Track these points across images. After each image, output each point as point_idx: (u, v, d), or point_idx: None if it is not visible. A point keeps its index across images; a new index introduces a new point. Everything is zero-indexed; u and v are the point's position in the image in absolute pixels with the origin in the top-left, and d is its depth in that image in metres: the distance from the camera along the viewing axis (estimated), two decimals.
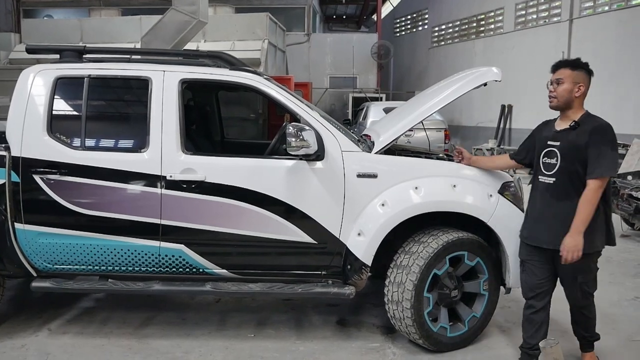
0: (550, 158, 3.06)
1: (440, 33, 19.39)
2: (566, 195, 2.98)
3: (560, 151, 3.00)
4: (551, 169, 3.04)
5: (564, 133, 3.02)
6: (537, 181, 3.14)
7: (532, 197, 3.17)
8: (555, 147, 3.03)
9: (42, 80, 3.52)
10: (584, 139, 2.92)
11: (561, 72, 3.01)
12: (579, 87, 2.99)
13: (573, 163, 2.95)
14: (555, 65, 3.07)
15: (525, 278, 3.22)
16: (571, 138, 2.97)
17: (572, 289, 3.09)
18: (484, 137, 15.26)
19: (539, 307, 3.15)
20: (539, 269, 3.13)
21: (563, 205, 2.98)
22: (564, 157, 2.98)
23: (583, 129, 2.95)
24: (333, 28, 30.28)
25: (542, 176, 3.09)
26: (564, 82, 2.99)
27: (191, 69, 3.64)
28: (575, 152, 2.94)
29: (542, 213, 3.08)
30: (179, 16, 9.63)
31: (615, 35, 11.50)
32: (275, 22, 15.79)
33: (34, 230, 3.45)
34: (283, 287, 3.51)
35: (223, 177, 3.43)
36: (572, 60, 3.05)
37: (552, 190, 3.02)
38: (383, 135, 3.57)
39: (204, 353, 3.53)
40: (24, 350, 3.52)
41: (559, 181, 3.00)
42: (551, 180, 3.03)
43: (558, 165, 3.00)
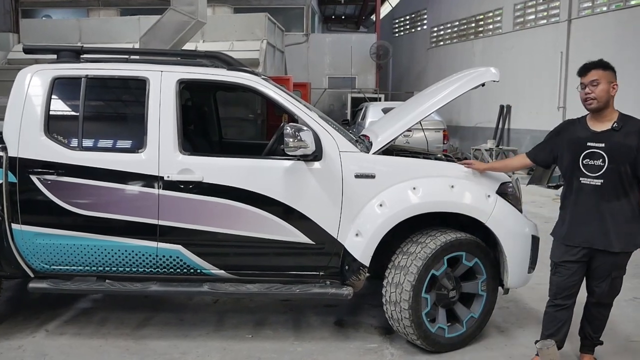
0: (593, 159, 3.02)
1: (439, 33, 19.39)
2: (616, 196, 3.00)
3: (607, 153, 2.98)
4: (597, 171, 3.01)
5: (607, 134, 3.01)
6: (577, 183, 3.08)
7: (576, 199, 3.10)
8: (599, 149, 3.00)
9: (40, 80, 3.51)
10: (633, 141, 2.94)
11: (594, 73, 3.00)
12: (613, 86, 3.01)
13: (622, 164, 2.96)
14: (584, 68, 3.05)
15: (558, 280, 3.17)
16: (618, 139, 2.97)
17: (601, 283, 3.10)
18: (482, 138, 15.26)
19: (566, 306, 3.16)
20: (574, 271, 3.11)
21: (613, 206, 3.00)
22: (613, 158, 2.97)
23: (628, 129, 2.97)
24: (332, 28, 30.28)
25: (586, 178, 3.04)
26: (600, 82, 2.98)
27: (189, 69, 3.64)
28: (625, 154, 2.95)
29: (590, 215, 3.04)
30: (177, 16, 9.63)
31: (614, 36, 11.50)
32: (274, 23, 15.79)
33: (31, 230, 3.45)
34: (281, 288, 3.50)
35: (221, 178, 3.42)
36: (600, 62, 3.04)
37: (600, 192, 3.00)
38: (381, 136, 3.56)
39: (201, 354, 3.52)
40: (21, 351, 3.51)
41: (607, 182, 2.99)
42: (598, 182, 3.00)
43: (606, 167, 2.98)
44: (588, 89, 3.01)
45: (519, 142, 13.98)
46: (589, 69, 3.03)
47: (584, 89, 3.03)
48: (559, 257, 3.17)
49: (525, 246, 3.54)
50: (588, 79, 3.01)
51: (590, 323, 3.25)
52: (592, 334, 3.26)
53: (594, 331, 3.25)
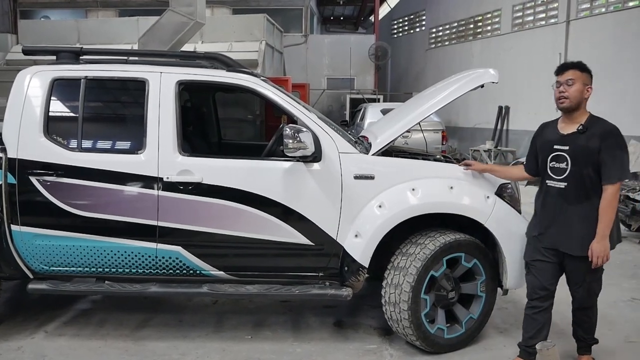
0: (558, 162, 3.04)
1: (438, 34, 19.40)
2: (578, 199, 2.99)
3: (571, 155, 2.98)
4: (561, 174, 3.02)
5: (572, 137, 3.01)
6: (545, 185, 3.12)
7: (543, 200, 3.16)
8: (564, 152, 3.01)
9: (39, 81, 3.51)
10: (595, 143, 2.91)
11: (571, 73, 3.00)
12: (587, 89, 3.01)
13: (585, 167, 2.94)
14: (561, 67, 3.06)
15: (531, 279, 3.21)
16: (581, 142, 2.96)
17: (579, 289, 3.10)
18: (481, 139, 15.27)
19: (541, 309, 3.16)
20: (546, 271, 3.13)
21: (576, 209, 3.00)
22: (575, 161, 2.97)
23: (592, 132, 2.95)
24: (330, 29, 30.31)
25: (552, 181, 3.08)
26: (575, 82, 2.98)
27: (188, 71, 3.64)
28: (587, 156, 2.94)
29: (555, 217, 3.07)
30: (176, 17, 9.62)
31: (612, 37, 11.52)
32: (273, 24, 15.80)
33: (31, 232, 3.44)
34: (280, 289, 3.50)
35: (220, 179, 3.42)
36: (579, 63, 3.05)
37: (564, 194, 3.01)
38: (380, 137, 3.57)
39: (200, 355, 3.52)
40: (20, 353, 3.51)
41: (570, 185, 2.99)
42: (562, 184, 3.02)
43: (569, 170, 2.99)
44: (562, 88, 3.00)
45: (518, 143, 14.00)
46: (566, 68, 3.03)
47: (559, 87, 3.03)
48: (530, 257, 3.21)
49: (523, 247, 3.53)
50: (564, 78, 3.01)
51: (580, 326, 3.26)
52: (584, 336, 3.27)
53: (585, 333, 3.26)
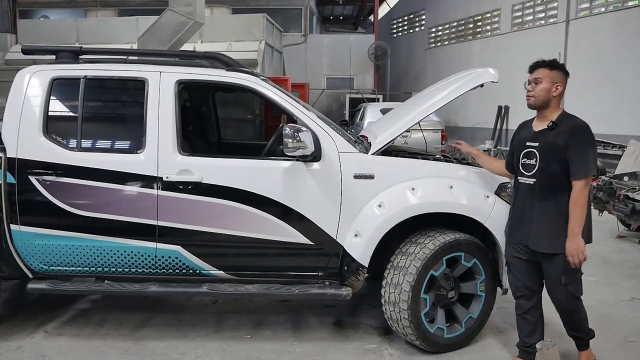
0: (529, 159, 3.07)
1: (437, 34, 19.41)
2: (547, 196, 3.00)
3: (539, 151, 3.01)
4: (530, 170, 3.05)
5: (543, 133, 3.04)
6: (517, 182, 3.17)
7: (515, 198, 3.21)
8: (534, 148, 3.05)
9: (38, 81, 3.51)
10: (563, 139, 2.93)
11: (539, 71, 3.03)
12: (556, 87, 3.02)
13: (552, 163, 2.96)
14: (532, 65, 3.08)
15: (512, 278, 3.26)
16: (550, 138, 2.99)
17: (556, 291, 3.05)
18: (480, 138, 15.28)
19: (528, 307, 3.18)
20: (522, 269, 3.16)
21: (544, 205, 3.00)
22: (543, 157, 2.99)
23: (561, 129, 2.97)
24: (330, 29, 30.31)
25: (522, 177, 3.11)
26: (542, 81, 3.01)
27: (188, 70, 3.64)
28: (554, 152, 2.96)
29: (524, 214, 3.09)
30: (175, 17, 9.63)
31: (611, 36, 11.53)
32: (272, 23, 15.80)
33: (30, 231, 3.44)
34: (280, 289, 3.50)
35: (220, 178, 3.42)
36: (550, 61, 3.06)
37: (532, 191, 3.04)
38: (380, 136, 3.57)
39: (200, 355, 3.52)
40: (19, 352, 3.51)
41: (538, 181, 3.01)
42: (531, 181, 3.05)
43: (537, 166, 3.01)
44: (530, 86, 3.05)
45: None
46: (535, 67, 3.06)
47: (528, 85, 3.07)
48: (509, 256, 3.25)
49: None
50: (532, 76, 3.05)
51: (570, 326, 3.23)
52: (576, 334, 3.23)
53: (577, 331, 3.22)
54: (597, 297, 4.61)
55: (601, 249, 6.28)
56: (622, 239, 6.75)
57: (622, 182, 6.75)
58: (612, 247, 6.40)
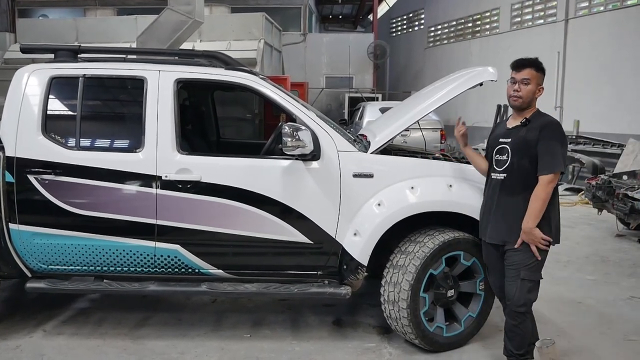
0: (501, 155, 3.07)
1: (436, 33, 19.41)
2: (515, 191, 2.99)
3: (511, 147, 3.01)
4: (502, 165, 3.05)
5: (515, 130, 3.04)
6: (489, 178, 3.17)
7: (485, 194, 3.20)
8: (507, 144, 3.05)
9: (37, 80, 3.50)
10: (533, 135, 2.93)
11: (528, 72, 2.98)
12: (539, 89, 3.01)
13: (522, 158, 2.96)
14: (519, 64, 3.02)
15: (491, 279, 3.26)
16: (521, 134, 2.99)
17: (511, 286, 2.98)
18: (479, 137, 15.22)
19: None
20: (495, 268, 3.15)
21: (511, 201, 2.99)
22: (514, 153, 2.99)
23: (533, 125, 2.97)
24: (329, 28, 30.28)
25: (494, 173, 3.10)
26: (530, 83, 2.97)
27: (187, 69, 3.63)
28: (524, 148, 2.95)
29: (491, 209, 3.09)
30: (174, 16, 9.61)
31: (610, 35, 11.54)
32: (272, 22, 15.78)
33: (29, 230, 3.44)
34: (279, 288, 3.50)
35: (219, 177, 3.42)
36: (535, 61, 3.01)
37: (502, 186, 3.04)
38: (379, 135, 3.57)
39: (199, 354, 3.52)
40: (18, 352, 3.50)
41: (508, 177, 3.01)
42: (502, 176, 3.05)
43: (508, 162, 3.01)
44: (517, 86, 2.99)
45: None
46: (524, 66, 2.99)
47: (514, 84, 3.01)
48: (484, 256, 3.26)
49: None
50: (520, 76, 2.98)
51: (509, 339, 3.07)
52: (513, 351, 3.05)
53: (515, 348, 3.04)
54: (596, 296, 4.62)
55: (600, 247, 6.29)
56: (621, 237, 6.76)
57: (621, 181, 6.76)
58: (611, 246, 6.41)
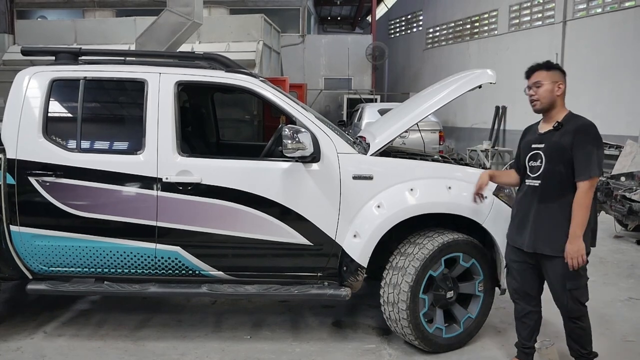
0: (535, 161, 3.03)
1: (435, 34, 19.44)
2: (551, 198, 2.94)
3: (545, 153, 2.97)
4: (536, 172, 3.00)
5: (548, 135, 2.99)
6: (523, 185, 3.12)
7: (518, 200, 3.16)
8: (540, 150, 3.00)
9: (38, 82, 3.51)
10: (568, 139, 2.88)
11: (537, 74, 2.99)
12: (558, 86, 2.97)
13: (557, 164, 2.91)
14: (529, 70, 3.04)
15: (510, 281, 3.23)
16: (555, 139, 2.94)
17: (561, 296, 2.98)
18: (478, 139, 15.31)
19: (526, 311, 3.14)
20: (523, 272, 3.12)
21: (548, 208, 2.94)
22: (549, 158, 2.95)
23: (566, 129, 2.92)
24: (328, 29, 30.32)
25: (528, 179, 3.06)
26: (543, 83, 2.97)
27: (187, 71, 3.64)
28: (559, 153, 2.91)
29: (527, 216, 3.03)
30: (173, 17, 9.63)
31: (608, 37, 11.57)
32: (270, 24, 15.80)
33: (30, 232, 3.44)
34: (279, 289, 3.51)
35: (219, 179, 3.43)
36: (545, 63, 3.02)
37: (538, 193, 2.98)
38: (379, 137, 3.58)
39: (200, 355, 3.53)
40: (19, 353, 3.51)
41: (544, 183, 2.96)
42: (536, 182, 3.00)
43: (543, 168, 2.97)
44: (532, 91, 3.00)
45: (515, 143, 13.88)
46: (532, 71, 3.01)
47: (529, 91, 3.02)
48: (509, 259, 3.22)
49: None
50: (532, 81, 3.00)
51: (575, 341, 3.09)
52: (581, 351, 3.08)
53: (582, 347, 3.08)
54: (595, 297, 4.61)
55: (598, 249, 6.29)
56: (619, 239, 6.78)
57: (619, 183, 6.78)
58: (609, 247, 6.43)
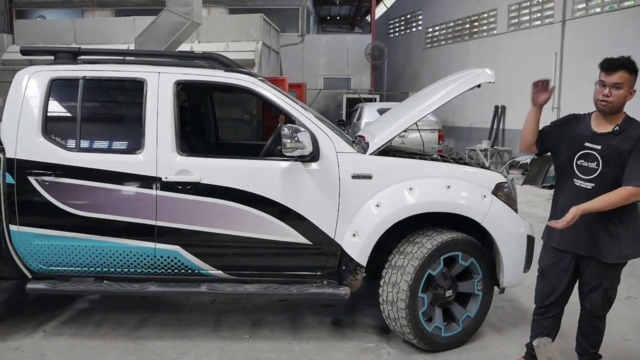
0: (588, 161, 2.86)
1: (434, 34, 19.44)
2: None
3: (602, 156, 2.81)
4: (590, 174, 2.84)
5: (606, 137, 2.82)
6: (569, 184, 2.93)
7: (564, 200, 2.94)
8: (595, 151, 2.83)
9: (37, 81, 3.52)
10: (628, 145, 2.74)
11: (620, 75, 2.75)
12: (631, 92, 2.80)
13: (615, 169, 2.77)
14: (611, 65, 2.77)
15: (544, 287, 3.07)
16: (615, 143, 2.79)
17: (594, 294, 2.92)
18: (477, 138, 15.32)
19: (552, 314, 3.08)
20: (561, 278, 2.99)
21: (603, 212, 2.80)
22: (607, 162, 2.79)
23: (628, 134, 2.77)
24: (327, 29, 30.33)
25: (579, 180, 2.89)
26: (622, 87, 2.75)
27: (186, 71, 3.65)
28: (618, 158, 2.77)
29: (580, 219, 2.78)
30: (172, 17, 9.63)
31: (607, 37, 11.58)
32: (269, 23, 15.79)
33: (29, 232, 3.45)
34: (278, 288, 3.52)
35: (218, 179, 3.44)
36: (629, 62, 2.77)
37: (591, 196, 2.80)
38: (378, 137, 3.59)
39: (199, 354, 3.53)
40: (19, 352, 3.51)
41: (598, 187, 2.80)
42: (589, 185, 2.84)
43: (599, 171, 2.81)
44: (608, 91, 2.76)
45: (514, 143, 14.04)
46: (616, 68, 2.75)
47: (603, 87, 2.78)
48: (547, 263, 3.06)
49: (520, 246, 3.57)
50: (612, 80, 2.75)
51: (586, 338, 3.07)
52: (589, 349, 3.06)
53: (590, 346, 3.06)
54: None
55: None
56: None
57: None
58: None
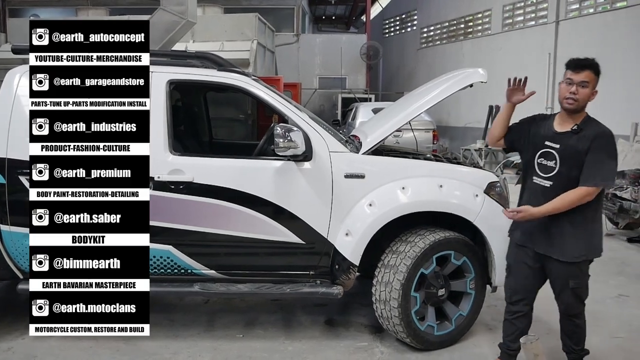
0: (547, 160, 2.91)
1: (429, 34, 19.48)
2: None
3: (560, 155, 2.86)
4: (548, 172, 2.90)
5: (565, 136, 2.87)
6: (530, 181, 3.00)
7: (525, 197, 3.03)
8: (554, 150, 2.89)
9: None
10: (584, 145, 2.78)
11: (587, 74, 2.80)
12: (594, 93, 2.85)
13: (572, 169, 2.82)
14: (578, 64, 2.83)
15: (510, 282, 3.13)
16: (572, 142, 2.83)
17: (564, 294, 2.95)
18: (471, 138, 15.35)
19: (521, 313, 3.09)
20: (526, 274, 3.03)
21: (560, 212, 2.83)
22: (564, 161, 2.84)
23: (585, 134, 2.81)
24: (322, 29, 30.33)
25: (537, 178, 2.95)
26: (588, 86, 2.81)
27: (179, 70, 3.64)
28: (575, 158, 2.81)
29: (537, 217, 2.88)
30: (167, 16, 9.58)
31: (600, 37, 11.64)
32: (264, 23, 15.78)
33: (20, 232, 3.42)
34: (271, 288, 3.52)
35: (211, 178, 3.43)
36: (594, 63, 2.83)
37: (547, 194, 2.87)
38: (371, 136, 3.59)
39: (192, 354, 3.52)
40: (10, 353, 3.50)
41: (556, 185, 2.85)
42: (547, 183, 2.90)
43: (557, 170, 2.86)
44: (575, 89, 2.81)
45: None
46: (583, 67, 2.82)
47: (570, 85, 2.83)
48: (513, 258, 3.11)
49: None
50: (579, 78, 2.81)
51: (569, 337, 3.08)
52: (574, 347, 3.07)
53: (575, 344, 3.07)
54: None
55: None
56: (610, 237, 6.82)
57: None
58: None
